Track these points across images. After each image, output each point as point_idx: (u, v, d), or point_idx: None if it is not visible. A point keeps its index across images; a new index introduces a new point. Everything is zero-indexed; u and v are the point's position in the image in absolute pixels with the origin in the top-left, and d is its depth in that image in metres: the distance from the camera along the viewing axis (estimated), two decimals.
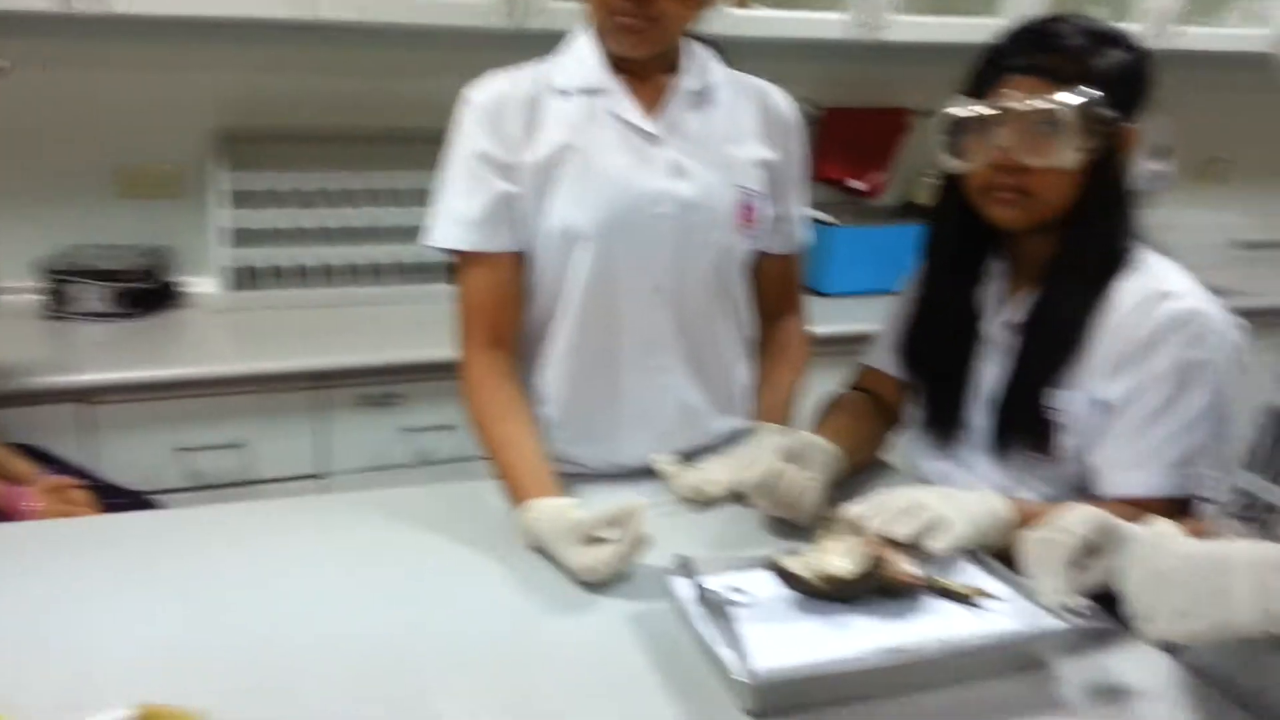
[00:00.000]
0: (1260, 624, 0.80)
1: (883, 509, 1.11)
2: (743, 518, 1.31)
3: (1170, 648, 1.01)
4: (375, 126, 2.40)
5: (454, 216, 1.35)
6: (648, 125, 1.36)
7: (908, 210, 2.82)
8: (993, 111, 1.23)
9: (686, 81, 1.38)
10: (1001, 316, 1.36)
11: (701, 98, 1.40)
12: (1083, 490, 1.30)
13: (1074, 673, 0.97)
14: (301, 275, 2.37)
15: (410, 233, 2.38)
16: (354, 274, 2.40)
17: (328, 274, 2.39)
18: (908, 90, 2.75)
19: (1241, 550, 0.83)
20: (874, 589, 1.03)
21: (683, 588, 1.06)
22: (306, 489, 2.03)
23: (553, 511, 1.18)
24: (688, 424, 1.44)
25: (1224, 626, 0.82)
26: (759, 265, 1.49)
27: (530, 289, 1.39)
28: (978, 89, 1.27)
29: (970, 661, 0.95)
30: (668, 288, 1.38)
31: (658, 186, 1.35)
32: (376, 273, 2.42)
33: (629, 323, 1.38)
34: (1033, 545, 0.97)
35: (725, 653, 0.93)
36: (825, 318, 2.33)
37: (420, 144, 2.34)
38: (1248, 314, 1.30)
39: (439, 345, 1.98)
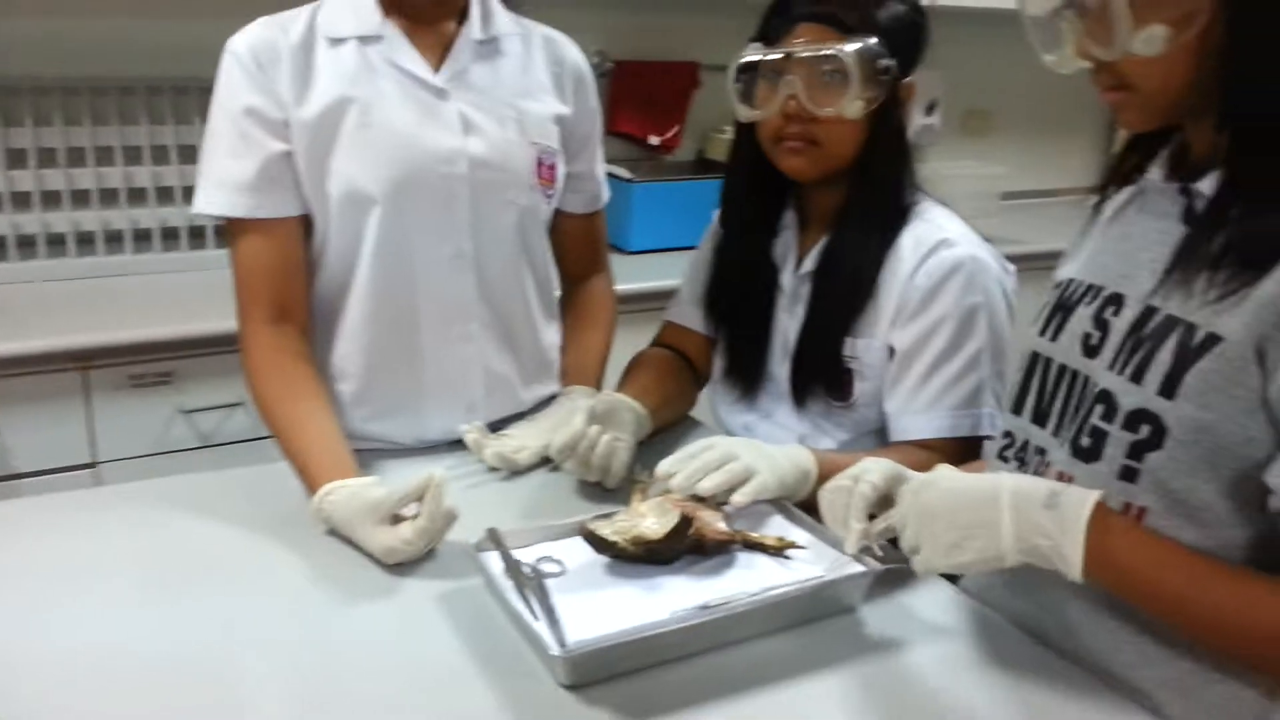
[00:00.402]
0: (1023, 556, 0.85)
1: (689, 464, 1.11)
2: (554, 484, 1.28)
3: (953, 580, 1.07)
4: (134, 76, 2.18)
5: (222, 180, 1.23)
6: (432, 77, 1.28)
7: (703, 165, 2.85)
8: (780, 56, 1.25)
9: (472, 30, 1.31)
10: (795, 267, 1.39)
11: (489, 48, 1.33)
12: (879, 435, 1.35)
13: (878, 615, 1.00)
14: (57, 243, 2.14)
15: (181, 194, 2.21)
16: (116, 241, 2.19)
17: (86, 241, 2.17)
18: (698, 44, 2.76)
19: (1006, 484, 0.87)
20: (686, 549, 1.03)
21: (492, 562, 1.02)
22: (76, 481, 1.85)
23: (349, 492, 1.11)
24: (496, 393, 1.39)
25: (990, 559, 0.86)
26: (560, 226, 1.46)
27: (316, 256, 1.30)
28: (768, 37, 1.29)
29: (778, 612, 0.96)
30: (468, 252, 1.32)
31: (448, 144, 1.28)
32: (142, 238, 2.21)
33: (428, 290, 1.31)
34: (827, 496, 0.99)
35: (538, 627, 0.91)
36: (627, 275, 2.32)
37: (193, 94, 2.17)
38: (1013, 260, 1.38)
39: (217, 317, 1.85)
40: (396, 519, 1.07)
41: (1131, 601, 0.86)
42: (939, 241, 1.29)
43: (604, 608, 0.96)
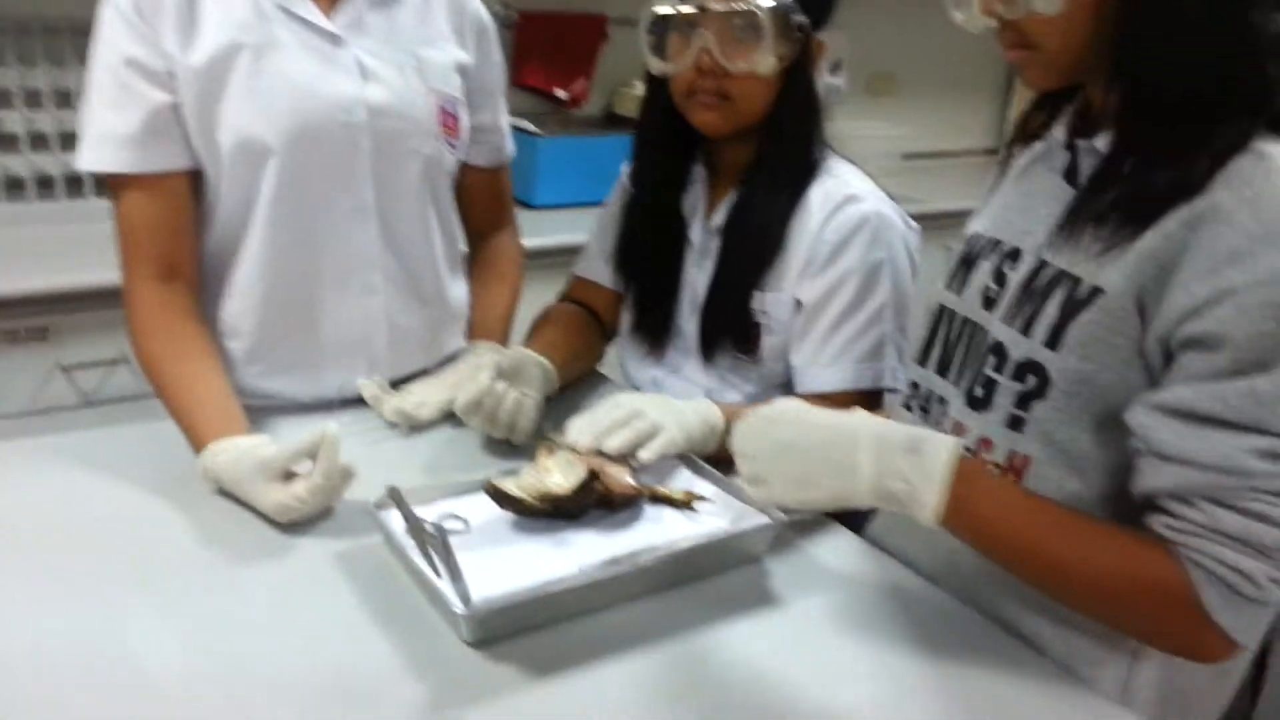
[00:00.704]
0: (875, 498, 0.85)
1: (596, 423, 1.09)
2: (458, 441, 1.25)
3: (857, 529, 1.08)
4: (7, 16, 2.04)
5: (105, 134, 1.16)
6: (327, 23, 1.22)
7: (612, 121, 2.81)
8: (693, 10, 1.23)
9: None
10: (705, 221, 1.38)
11: None
12: (785, 389, 1.36)
13: (783, 566, 1.01)
14: None
15: (57, 141, 2.08)
16: None
17: None
18: None
19: (867, 426, 0.86)
20: (593, 503, 1.02)
21: (392, 520, 0.99)
22: None
23: (238, 450, 1.06)
24: (401, 348, 1.35)
25: (841, 498, 0.86)
26: (464, 180, 1.41)
27: (207, 210, 1.23)
28: None
29: (684, 565, 0.96)
30: (370, 204, 1.26)
31: (346, 92, 1.22)
32: (14, 187, 2.08)
33: (329, 244, 1.25)
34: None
35: (441, 584, 0.88)
36: (534, 231, 2.27)
37: (65, 35, 2.04)
38: (915, 219, 1.39)
39: (97, 269, 1.75)
40: (290, 476, 1.03)
41: (989, 552, 0.87)
42: (846, 197, 1.29)
43: (509, 564, 0.94)
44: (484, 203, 1.48)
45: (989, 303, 0.95)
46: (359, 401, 1.28)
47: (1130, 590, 0.81)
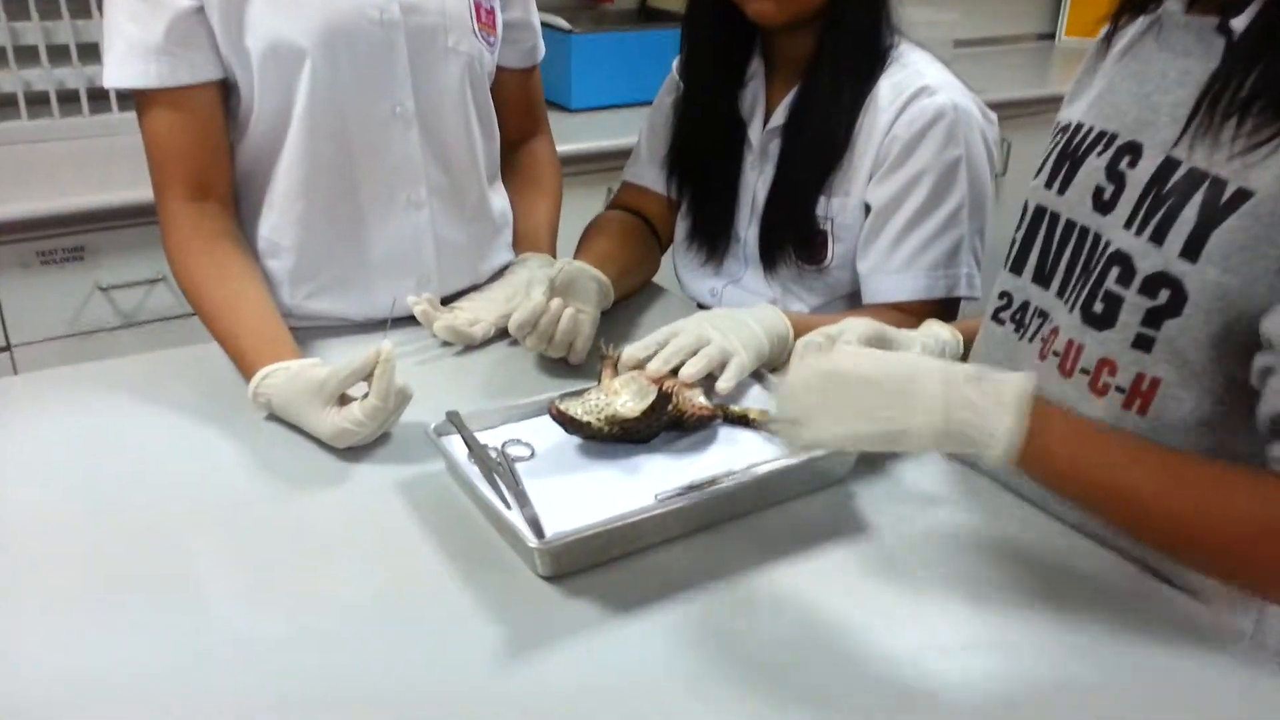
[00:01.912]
0: (937, 437, 0.74)
1: (663, 348, 1.03)
2: (513, 359, 1.20)
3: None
4: None
5: (128, 48, 1.08)
6: None
7: (647, 14, 2.68)
8: None
9: None
10: (764, 121, 1.29)
11: None
12: (854, 299, 1.29)
13: (867, 487, 0.95)
14: None
15: (76, 52, 2.00)
16: (10, 105, 1.99)
17: None
18: None
19: (926, 359, 0.78)
20: (664, 426, 0.96)
21: (454, 446, 0.94)
22: None
23: (289, 374, 1.02)
24: (450, 263, 1.28)
25: (897, 434, 0.74)
26: (495, 83, 1.32)
27: (240, 122, 1.16)
28: None
29: (766, 489, 0.91)
30: (409, 109, 1.19)
31: None
32: (37, 102, 2.01)
33: (369, 153, 1.19)
34: (799, 353, 0.92)
35: (511, 516, 0.84)
36: (569, 135, 2.19)
37: None
38: None
39: (129, 186, 1.70)
40: (344, 399, 0.99)
41: (1077, 495, 0.77)
42: (919, 89, 1.20)
43: (580, 493, 0.90)
44: (517, 107, 1.39)
45: (1104, 205, 0.85)
46: (409, 320, 1.22)
47: (1247, 532, 0.71)
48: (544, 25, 1.36)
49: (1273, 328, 0.73)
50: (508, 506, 0.86)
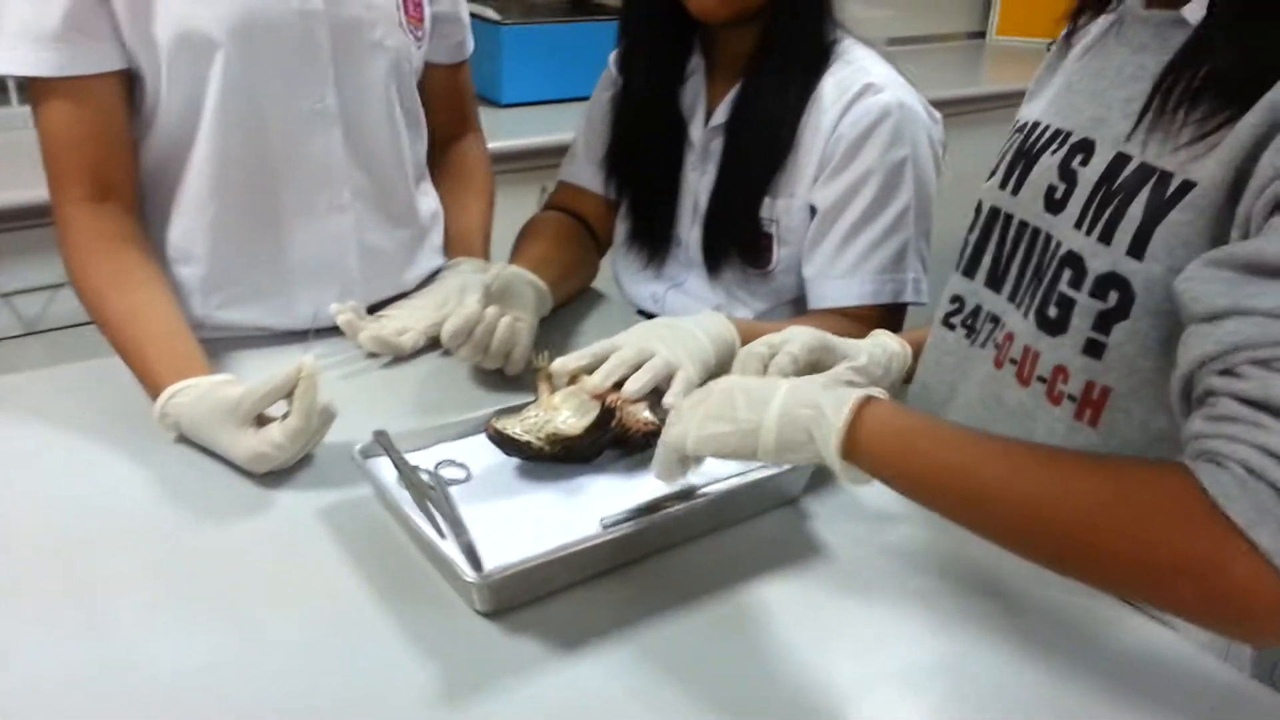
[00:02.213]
0: (782, 429, 0.71)
1: (603, 361, 0.96)
2: (445, 372, 1.13)
3: None
4: None
5: (21, 31, 0.99)
6: None
7: (580, 5, 2.61)
8: None
9: None
10: (705, 119, 1.25)
11: None
12: (799, 304, 1.25)
13: (821, 505, 0.91)
14: None
15: None
16: None
17: None
18: None
19: (792, 379, 0.77)
20: (608, 444, 0.91)
21: (382, 469, 0.88)
22: None
23: (199, 392, 0.94)
24: (375, 271, 1.21)
25: (749, 432, 0.72)
26: (423, 80, 1.26)
27: (145, 117, 1.07)
28: None
29: (718, 511, 0.86)
30: (332, 106, 1.11)
31: None
32: None
33: (288, 153, 1.11)
34: (739, 364, 0.89)
35: (446, 547, 0.78)
36: (500, 131, 2.12)
37: None
38: None
39: (32, 185, 1.58)
40: (261, 420, 0.91)
41: (908, 489, 0.71)
42: (865, 86, 1.16)
43: (520, 518, 0.84)
44: (446, 105, 1.33)
45: (1055, 204, 0.82)
46: (332, 330, 1.15)
47: (1120, 516, 0.60)
48: (473, 16, 1.30)
49: (1181, 282, 0.67)
50: (441, 536, 0.80)
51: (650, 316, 1.30)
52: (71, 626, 0.74)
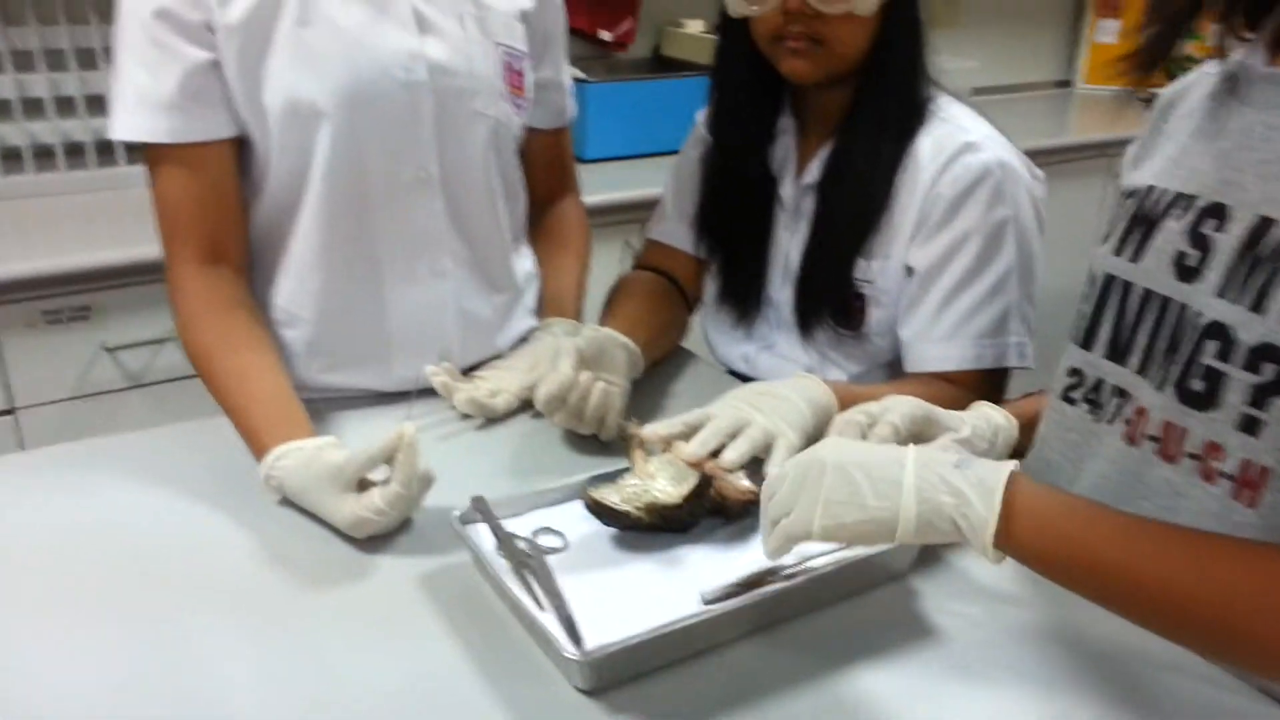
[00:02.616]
0: (921, 520, 0.71)
1: (701, 431, 0.95)
2: (538, 434, 1.13)
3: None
4: None
5: (139, 99, 1.03)
6: None
7: (661, 63, 2.65)
8: None
9: None
10: (797, 177, 1.24)
11: None
12: (894, 367, 1.23)
13: (930, 582, 0.88)
14: None
15: (84, 104, 1.96)
16: (14, 159, 1.95)
17: None
18: None
19: (914, 448, 0.75)
20: (705, 513, 0.90)
21: (481, 535, 0.88)
22: None
23: (305, 455, 0.95)
24: (472, 336, 1.22)
25: (883, 520, 0.71)
26: (525, 144, 1.27)
27: (255, 182, 1.11)
28: None
29: (821, 588, 0.83)
30: (434, 174, 1.13)
31: (404, 45, 1.09)
32: (43, 155, 1.97)
33: (390, 220, 1.13)
34: (836, 430, 0.87)
35: (545, 620, 0.77)
36: (585, 187, 2.13)
37: None
38: None
39: (135, 243, 1.65)
40: (363, 484, 0.92)
41: (1060, 578, 0.72)
42: (963, 145, 1.14)
43: (618, 590, 0.83)
44: (546, 169, 1.34)
45: (1187, 272, 0.79)
46: (428, 392, 1.16)
47: (1238, 604, 0.64)
48: None
49: None
50: (540, 607, 0.79)
51: (742, 378, 1.29)
52: (171, 688, 0.75)
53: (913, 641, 0.81)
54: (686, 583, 0.83)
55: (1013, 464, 0.72)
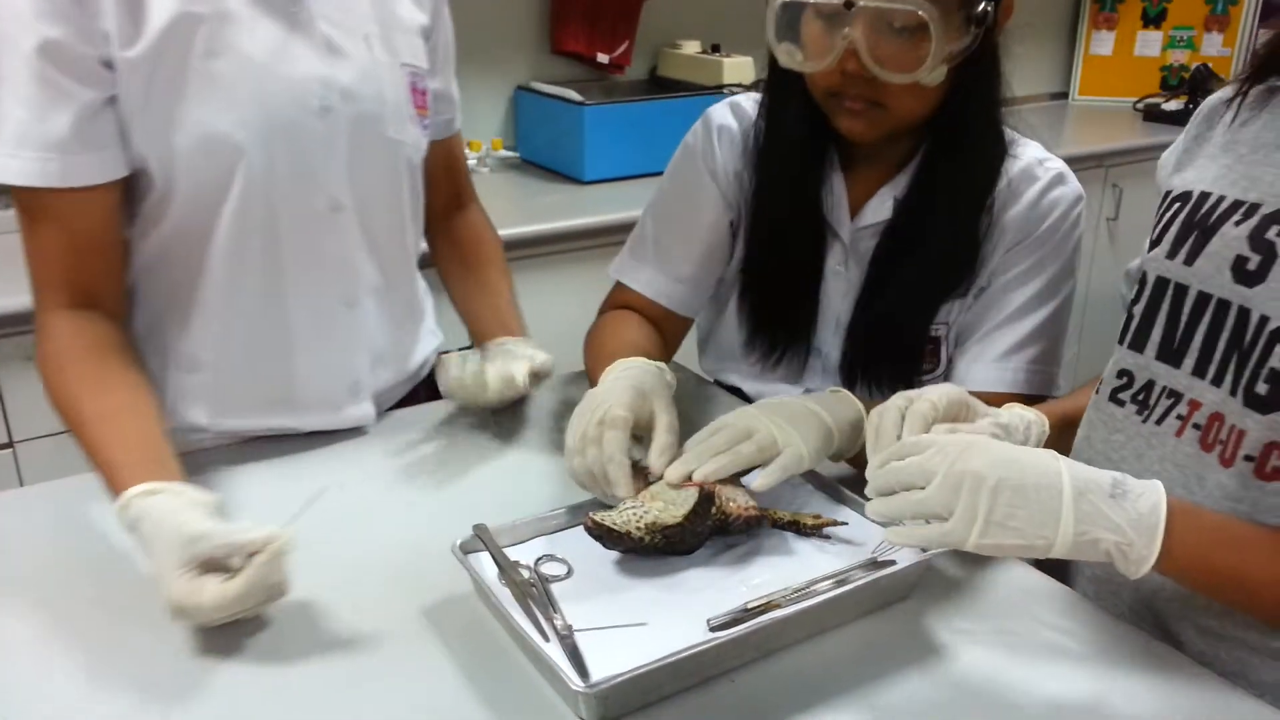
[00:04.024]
0: (1074, 550, 0.72)
1: (690, 451, 0.91)
2: (538, 459, 1.11)
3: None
4: None
5: (19, 140, 0.94)
6: None
7: (658, 84, 2.65)
8: (835, 2, 0.96)
9: None
10: (851, 219, 1.13)
11: None
12: None
13: (934, 600, 0.87)
14: None
15: None
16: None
17: None
18: None
19: (1065, 463, 0.74)
20: (709, 531, 0.89)
21: (483, 565, 0.87)
22: None
23: (172, 505, 0.85)
24: (383, 367, 1.19)
25: (1039, 547, 0.72)
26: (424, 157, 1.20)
27: (149, 218, 1.03)
28: None
29: (830, 611, 0.82)
30: (347, 203, 1.08)
31: (316, 72, 1.03)
32: None
33: (301, 250, 1.07)
34: (876, 418, 0.85)
35: (551, 651, 0.76)
36: (583, 208, 2.15)
37: None
38: None
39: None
40: (210, 565, 0.81)
41: (1206, 594, 0.78)
42: (1057, 176, 1.09)
43: (624, 616, 0.81)
44: (445, 179, 1.28)
45: (1248, 276, 0.79)
46: (350, 433, 1.14)
47: None
48: (555, 98, 1.30)
49: None
50: (544, 638, 0.78)
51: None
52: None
53: (920, 662, 0.80)
54: (692, 608, 0.81)
55: (1162, 493, 0.73)
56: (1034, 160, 1.11)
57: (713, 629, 0.78)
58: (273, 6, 1.01)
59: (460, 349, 1.16)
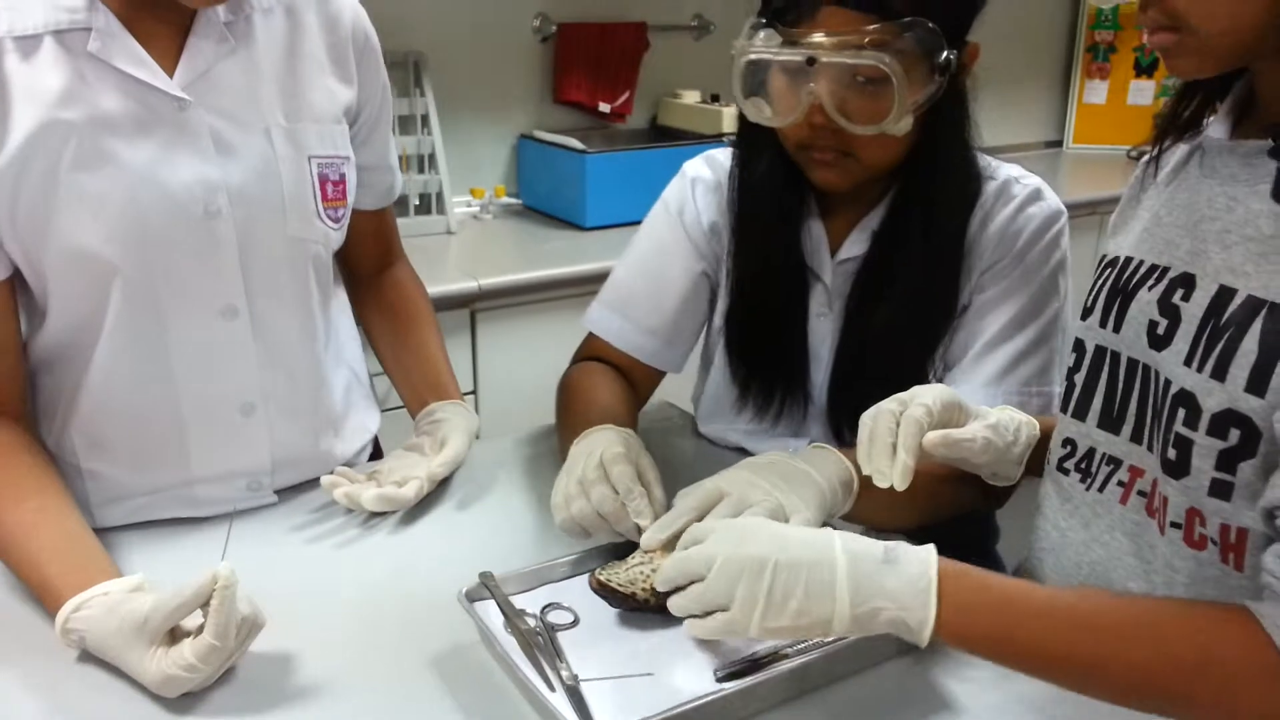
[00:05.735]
0: (855, 623, 0.73)
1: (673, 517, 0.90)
2: (541, 506, 1.11)
3: None
4: None
5: None
6: (167, 83, 0.94)
7: (658, 133, 2.69)
8: (797, 59, 0.97)
9: (214, 10, 0.96)
10: (829, 257, 1.14)
11: (240, 28, 0.99)
12: None
13: (942, 649, 0.86)
14: None
15: None
16: None
17: None
18: (644, 2, 2.61)
19: (841, 536, 0.75)
20: None
21: (489, 613, 0.87)
22: None
23: (108, 603, 0.82)
24: (291, 469, 1.12)
25: (816, 624, 0.73)
26: (351, 225, 1.14)
27: (38, 324, 1.00)
28: (784, 18, 0.99)
29: (838, 661, 0.82)
30: (241, 306, 1.02)
31: (199, 175, 0.96)
32: None
33: (193, 357, 1.01)
34: (869, 422, 0.85)
35: (556, 701, 0.75)
36: (584, 254, 2.17)
37: None
38: None
39: None
40: (176, 633, 0.80)
41: (1002, 663, 0.75)
42: (1034, 192, 1.10)
43: (630, 666, 0.81)
44: (374, 243, 1.24)
45: (1158, 340, 0.79)
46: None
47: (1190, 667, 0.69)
48: (558, 146, 1.29)
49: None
50: (550, 688, 0.78)
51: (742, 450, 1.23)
52: None
53: (930, 711, 0.79)
54: (700, 659, 0.82)
55: (933, 555, 0.74)
56: (1010, 178, 1.12)
57: (719, 679, 0.78)
58: (154, 110, 0.95)
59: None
